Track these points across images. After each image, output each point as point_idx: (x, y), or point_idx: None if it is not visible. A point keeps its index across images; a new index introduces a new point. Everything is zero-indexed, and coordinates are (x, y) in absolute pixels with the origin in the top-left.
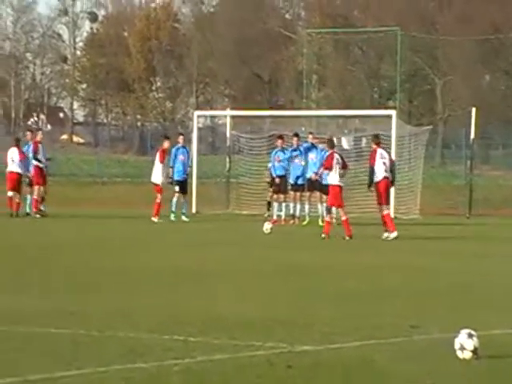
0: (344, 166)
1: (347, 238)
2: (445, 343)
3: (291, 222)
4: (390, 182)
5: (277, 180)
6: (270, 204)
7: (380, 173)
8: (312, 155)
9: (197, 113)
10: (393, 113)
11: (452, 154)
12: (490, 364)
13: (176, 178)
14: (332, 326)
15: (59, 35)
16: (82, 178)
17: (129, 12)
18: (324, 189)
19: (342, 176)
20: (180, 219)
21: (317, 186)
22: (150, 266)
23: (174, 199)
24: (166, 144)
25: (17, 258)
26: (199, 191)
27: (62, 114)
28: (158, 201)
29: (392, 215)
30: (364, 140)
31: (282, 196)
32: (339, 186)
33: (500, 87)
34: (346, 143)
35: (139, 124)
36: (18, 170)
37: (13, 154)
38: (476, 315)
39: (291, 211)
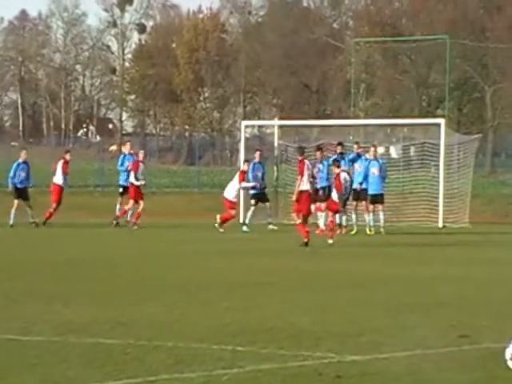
0: (312, 176)
1: (305, 241)
2: (495, 353)
3: (338, 231)
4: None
5: (320, 192)
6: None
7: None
8: (357, 165)
9: (244, 122)
10: (441, 121)
11: (502, 162)
12: None
13: (252, 191)
14: (381, 335)
15: (108, 47)
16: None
17: (177, 23)
18: (371, 198)
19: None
20: (268, 229)
21: (362, 195)
22: (198, 277)
23: (250, 212)
24: (246, 166)
25: (69, 268)
26: (247, 201)
27: (110, 125)
28: (227, 215)
29: (441, 224)
30: (412, 149)
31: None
32: (308, 192)
33: None
34: (394, 152)
35: (187, 134)
36: (59, 182)
37: (58, 167)
38: None
39: (337, 221)
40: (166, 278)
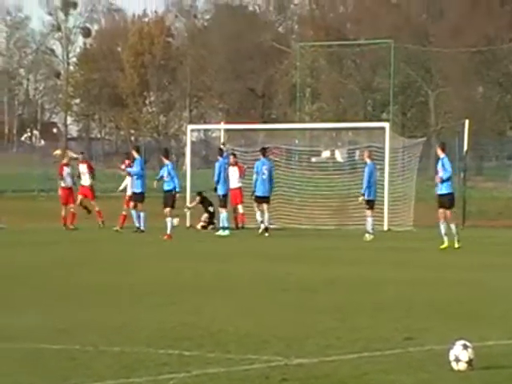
0: None
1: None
2: (440, 355)
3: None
4: None
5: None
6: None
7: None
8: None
9: (190, 127)
10: (386, 125)
11: None
12: (484, 375)
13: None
14: (328, 339)
15: (52, 50)
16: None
17: (122, 27)
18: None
19: None
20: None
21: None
22: (146, 281)
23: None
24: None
25: (7, 273)
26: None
27: (55, 130)
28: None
29: (386, 227)
30: (357, 152)
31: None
32: None
33: (493, 99)
34: (339, 156)
35: (133, 138)
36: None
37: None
38: (471, 327)
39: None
40: (111, 281)
